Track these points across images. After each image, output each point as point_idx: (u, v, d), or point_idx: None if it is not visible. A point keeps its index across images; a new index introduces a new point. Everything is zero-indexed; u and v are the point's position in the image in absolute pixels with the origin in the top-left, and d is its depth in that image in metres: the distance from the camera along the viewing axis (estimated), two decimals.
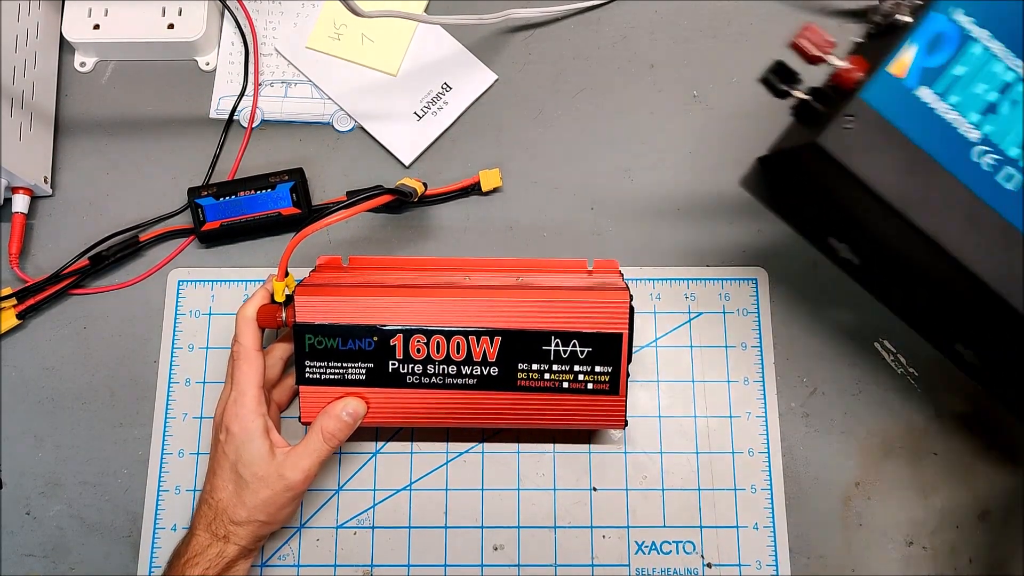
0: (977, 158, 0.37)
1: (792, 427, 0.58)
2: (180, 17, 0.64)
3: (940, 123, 0.37)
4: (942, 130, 0.37)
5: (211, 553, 0.49)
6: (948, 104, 0.38)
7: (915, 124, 0.37)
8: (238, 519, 0.50)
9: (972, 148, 0.37)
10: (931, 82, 0.38)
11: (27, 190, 0.61)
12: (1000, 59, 0.38)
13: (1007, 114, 0.37)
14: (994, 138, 0.37)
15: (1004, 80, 0.38)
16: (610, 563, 0.56)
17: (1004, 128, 0.37)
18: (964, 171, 0.37)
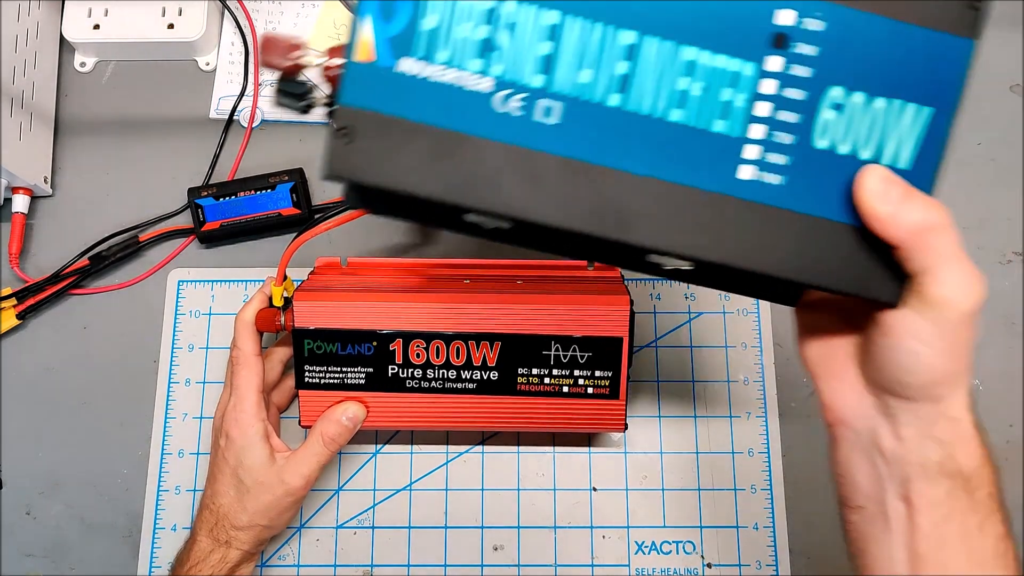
0: (502, 108, 0.31)
1: (792, 427, 0.58)
2: (180, 17, 0.64)
3: (442, 90, 0.31)
4: (449, 96, 0.31)
5: (214, 559, 0.49)
6: (440, 64, 0.31)
7: (416, 104, 0.31)
8: (240, 524, 0.50)
9: (491, 99, 0.31)
10: (407, 50, 0.31)
11: (27, 190, 0.61)
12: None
13: (508, 43, 0.31)
14: (509, 76, 0.31)
15: (486, 8, 0.31)
16: (610, 563, 0.56)
17: (513, 60, 0.31)
18: (496, 129, 0.31)
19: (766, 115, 0.32)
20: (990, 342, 0.60)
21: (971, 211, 0.62)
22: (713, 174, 0.32)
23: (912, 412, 0.33)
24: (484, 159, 0.31)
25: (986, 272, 0.59)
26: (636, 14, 0.31)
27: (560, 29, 0.31)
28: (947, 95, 0.32)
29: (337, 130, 0.31)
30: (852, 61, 0.31)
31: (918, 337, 0.31)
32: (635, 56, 0.31)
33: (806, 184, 0.32)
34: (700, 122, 0.32)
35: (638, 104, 0.31)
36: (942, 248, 0.30)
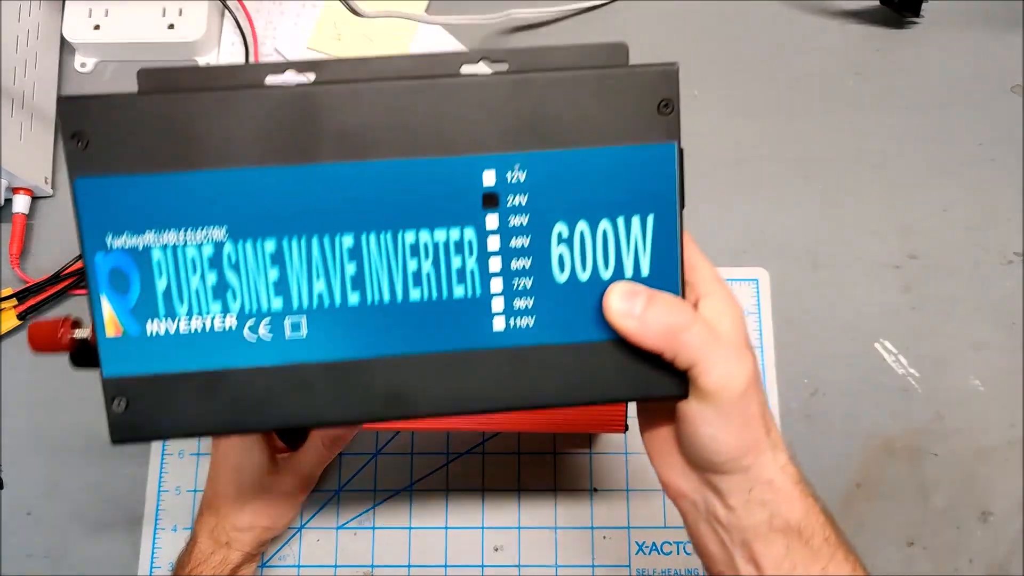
0: (252, 336, 0.33)
1: (793, 428, 0.58)
2: (180, 17, 0.64)
3: (194, 337, 0.33)
4: (201, 341, 0.33)
5: (215, 560, 0.49)
6: (184, 317, 0.33)
7: (174, 357, 0.33)
8: (240, 525, 0.50)
9: (241, 332, 0.33)
10: (151, 314, 0.32)
11: (28, 190, 0.61)
12: (187, 244, 0.32)
13: (239, 280, 0.33)
14: (249, 308, 0.33)
15: (207, 257, 0.32)
16: (611, 564, 0.56)
17: (248, 293, 0.33)
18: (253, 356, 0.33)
19: (500, 269, 0.33)
20: (990, 342, 0.60)
21: (971, 211, 0.62)
22: (468, 334, 0.34)
23: (729, 483, 0.35)
24: (250, 385, 0.33)
25: (986, 272, 0.60)
26: (348, 217, 0.33)
27: (281, 253, 0.33)
28: (664, 199, 0.33)
29: (109, 401, 0.33)
30: (565, 196, 0.33)
31: (709, 422, 0.34)
32: (359, 255, 0.33)
33: (559, 317, 0.34)
34: (441, 294, 0.33)
35: (377, 295, 0.33)
36: (696, 343, 0.32)
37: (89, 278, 0.32)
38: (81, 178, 0.32)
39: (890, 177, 0.63)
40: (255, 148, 0.32)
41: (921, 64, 0.65)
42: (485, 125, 0.32)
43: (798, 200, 0.62)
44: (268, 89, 0.32)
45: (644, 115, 0.33)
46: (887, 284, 0.61)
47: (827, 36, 0.66)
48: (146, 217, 0.32)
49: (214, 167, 0.32)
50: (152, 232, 0.32)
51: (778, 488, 0.35)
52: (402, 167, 0.32)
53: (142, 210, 0.32)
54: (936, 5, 0.65)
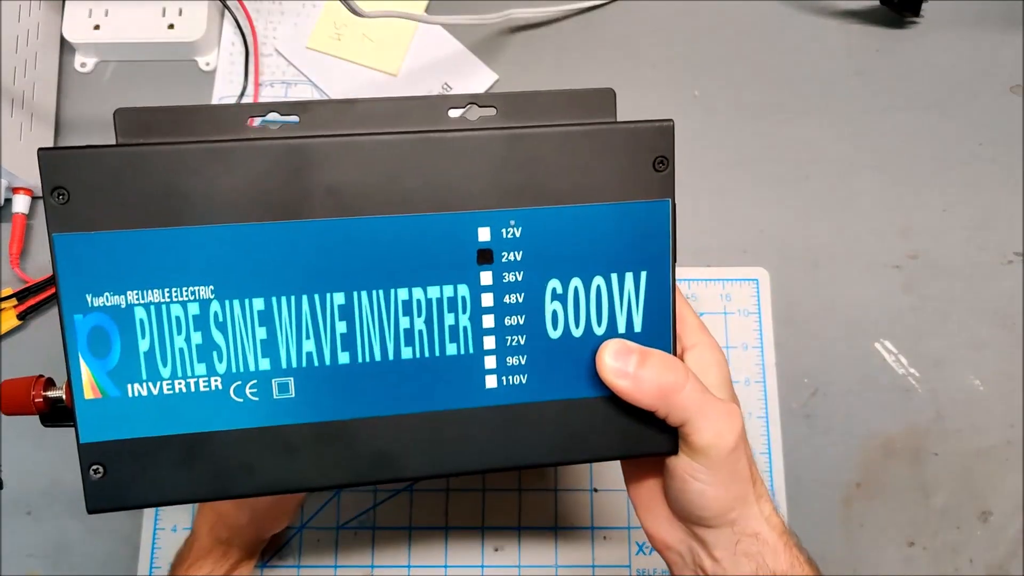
0: (238, 398, 0.32)
1: (793, 428, 0.58)
2: (180, 17, 0.64)
3: (177, 399, 0.31)
4: (185, 403, 0.31)
5: (214, 557, 0.49)
6: (167, 379, 0.31)
7: (156, 421, 0.31)
8: (240, 523, 0.50)
9: (227, 394, 0.32)
10: (131, 377, 0.31)
11: (28, 190, 0.61)
12: (171, 302, 0.31)
13: (225, 340, 0.31)
14: (235, 369, 0.32)
15: (192, 315, 0.31)
16: (611, 564, 0.56)
17: (235, 353, 0.32)
18: (238, 418, 0.32)
19: (493, 326, 0.33)
20: (990, 342, 0.60)
21: (971, 211, 0.62)
22: (460, 393, 0.33)
23: (716, 536, 0.36)
24: (234, 448, 0.32)
25: (986, 272, 0.60)
26: (339, 275, 0.32)
27: (270, 312, 0.31)
28: (658, 256, 0.33)
29: (87, 468, 0.32)
30: (559, 253, 0.33)
31: (697, 478, 0.34)
32: (350, 313, 0.32)
33: (553, 373, 0.33)
34: (433, 351, 0.33)
35: (368, 354, 0.32)
36: (688, 402, 0.33)
37: (67, 339, 0.31)
38: (59, 234, 0.30)
39: (890, 177, 0.63)
40: (242, 203, 0.31)
41: (921, 64, 0.65)
42: (479, 181, 0.32)
43: (798, 200, 0.62)
44: (256, 142, 0.31)
45: (639, 172, 0.33)
46: (887, 284, 0.61)
47: (827, 36, 0.66)
48: (128, 275, 0.31)
49: (200, 223, 0.31)
50: (135, 290, 0.31)
51: (764, 540, 0.36)
52: (394, 223, 0.32)
53: (124, 267, 0.31)
54: (936, 5, 0.65)
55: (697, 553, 0.37)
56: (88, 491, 0.32)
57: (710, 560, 0.36)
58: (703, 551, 0.36)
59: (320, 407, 0.32)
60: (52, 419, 0.36)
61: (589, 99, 0.34)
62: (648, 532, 0.39)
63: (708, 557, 0.36)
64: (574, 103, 0.33)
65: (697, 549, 0.37)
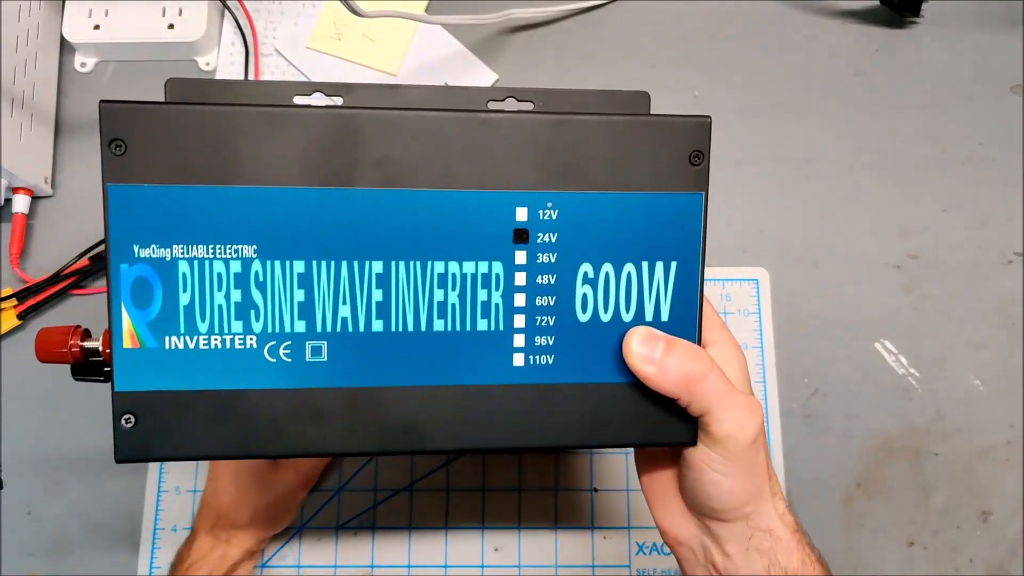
0: (272, 358, 0.33)
1: (793, 428, 0.58)
2: (180, 17, 0.64)
3: (212, 355, 0.32)
4: (220, 360, 0.32)
5: (214, 556, 0.49)
6: (204, 334, 0.32)
7: (190, 375, 0.32)
8: (240, 523, 0.50)
9: (260, 353, 0.32)
10: (170, 329, 0.32)
11: (27, 190, 0.61)
12: (215, 258, 0.32)
13: (263, 300, 0.32)
14: (271, 329, 0.32)
15: (233, 273, 0.32)
16: (611, 564, 0.56)
17: (272, 314, 0.32)
18: (271, 378, 0.33)
19: (524, 305, 0.34)
20: (990, 342, 0.60)
21: (971, 211, 0.62)
22: (488, 369, 0.34)
23: (729, 530, 0.36)
24: (265, 408, 0.33)
25: (986, 272, 0.60)
26: (380, 244, 0.33)
27: (309, 276, 0.32)
28: (688, 247, 0.35)
29: (119, 417, 0.32)
30: (593, 237, 0.34)
31: (715, 468, 0.34)
32: (387, 282, 0.33)
33: (579, 356, 0.34)
34: (464, 326, 0.34)
35: (401, 324, 0.33)
36: (712, 392, 0.33)
37: (112, 288, 0.32)
38: (113, 185, 0.31)
39: (890, 177, 0.63)
40: (292, 168, 0.32)
41: (921, 64, 0.65)
42: (521, 162, 0.33)
43: (798, 200, 0.62)
44: (311, 109, 0.32)
45: (675, 164, 0.34)
46: (887, 284, 0.61)
47: (827, 36, 0.66)
48: (176, 229, 0.32)
49: (250, 184, 0.32)
50: (180, 245, 0.32)
51: (777, 536, 0.36)
52: (436, 198, 0.33)
53: (173, 221, 0.32)
54: (936, 5, 0.65)
55: (709, 549, 0.37)
56: (118, 440, 0.33)
57: (721, 555, 0.36)
58: (715, 546, 0.36)
59: (351, 373, 0.33)
60: (83, 371, 0.36)
61: (624, 100, 0.35)
62: (660, 526, 0.39)
63: (720, 552, 0.36)
64: (610, 102, 0.35)
65: (709, 544, 0.37)
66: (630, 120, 0.33)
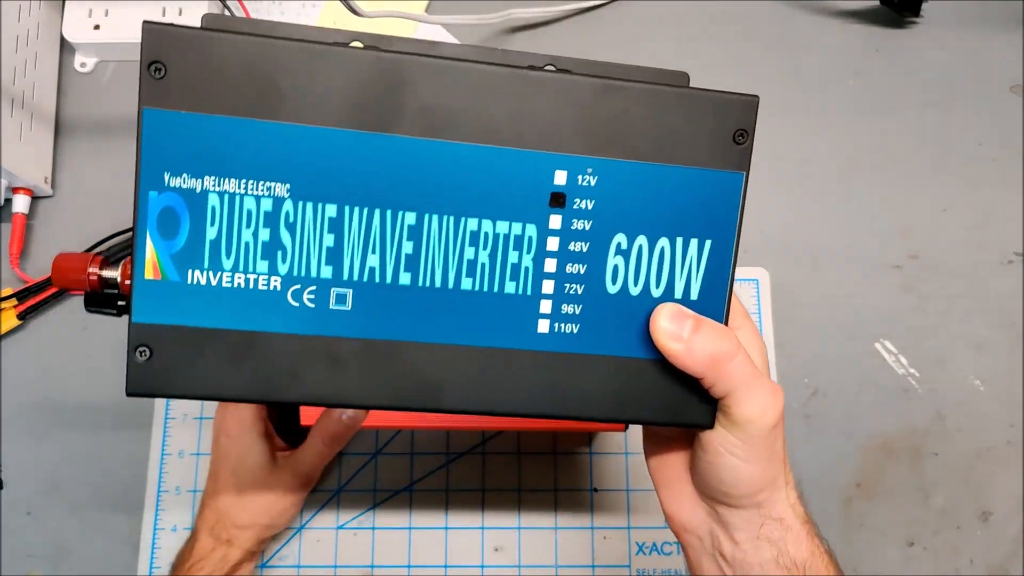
0: (295, 302, 0.32)
1: (793, 428, 0.58)
2: (180, 17, 0.64)
3: (234, 294, 0.31)
4: (241, 299, 0.31)
5: (215, 557, 0.49)
6: (228, 271, 0.31)
7: (210, 312, 0.31)
8: (240, 523, 0.50)
9: (283, 296, 0.32)
10: (194, 263, 0.31)
11: (27, 190, 0.61)
12: (246, 194, 0.31)
13: (292, 241, 0.31)
14: (297, 272, 0.32)
15: (264, 211, 0.31)
16: (611, 564, 0.56)
17: (299, 256, 0.32)
18: (292, 323, 0.32)
19: (554, 271, 0.33)
20: (990, 342, 0.60)
21: (971, 211, 0.62)
22: (512, 333, 0.33)
23: (740, 517, 0.35)
24: (283, 353, 0.32)
25: (986, 272, 0.60)
26: (414, 195, 0.32)
27: (341, 221, 0.32)
28: (724, 227, 0.34)
29: (133, 349, 0.31)
30: (630, 208, 0.33)
31: (733, 452, 0.34)
32: (419, 235, 0.32)
33: (605, 328, 0.33)
34: (492, 286, 0.33)
35: (429, 279, 0.32)
36: (737, 373, 0.32)
37: (138, 215, 0.31)
38: (149, 109, 0.30)
39: (890, 177, 0.63)
40: (335, 109, 0.31)
41: (921, 64, 0.65)
42: (565, 125, 0.32)
43: (798, 200, 0.62)
44: (359, 51, 0.31)
45: (718, 141, 0.33)
46: (887, 284, 0.61)
47: (827, 36, 0.66)
48: (209, 160, 0.31)
49: (290, 121, 0.31)
50: (213, 176, 0.31)
51: (788, 526, 0.35)
52: (477, 153, 0.32)
53: (207, 152, 0.31)
54: (936, 5, 0.65)
55: (717, 536, 0.36)
56: (130, 373, 0.32)
57: (730, 543, 0.36)
58: (723, 533, 0.36)
59: (374, 324, 0.32)
60: (97, 302, 0.36)
61: (665, 77, 0.34)
62: (666, 512, 0.39)
63: (728, 540, 0.36)
64: (651, 77, 0.34)
65: (717, 531, 0.36)
66: (678, 92, 0.33)
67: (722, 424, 0.34)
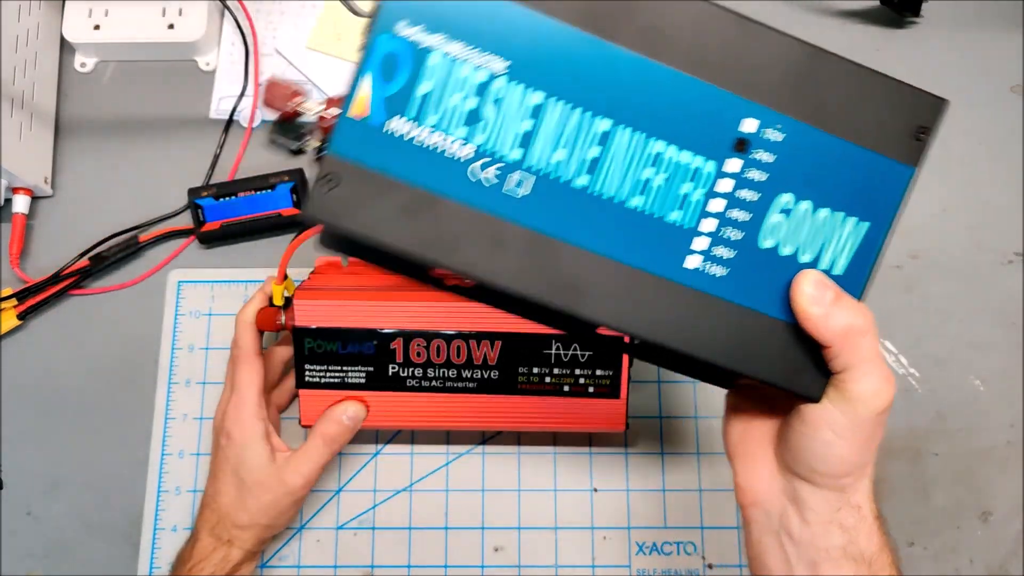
0: (478, 175, 0.33)
1: None
2: (180, 17, 0.64)
3: (425, 152, 0.33)
4: (430, 158, 0.33)
5: (216, 557, 0.49)
6: (428, 127, 0.33)
7: (399, 162, 0.33)
8: (241, 523, 0.50)
9: (469, 166, 0.33)
10: (400, 110, 0.33)
11: (27, 190, 0.61)
12: (466, 61, 0.33)
13: (493, 116, 0.33)
14: (489, 147, 0.33)
15: (478, 82, 0.33)
16: (611, 564, 0.56)
17: (495, 132, 0.33)
18: (469, 194, 0.33)
19: (719, 211, 0.34)
20: (990, 342, 0.60)
21: (971, 211, 0.62)
22: (663, 260, 0.34)
23: (819, 497, 0.35)
24: (452, 221, 0.34)
25: (986, 272, 0.60)
26: (614, 104, 0.33)
27: (543, 110, 0.33)
28: (884, 213, 0.35)
29: (321, 176, 0.33)
30: (804, 172, 0.34)
31: (833, 429, 0.34)
32: (607, 143, 0.34)
33: (748, 279, 0.34)
34: (658, 210, 0.34)
35: (603, 187, 0.34)
36: (864, 350, 0.33)
37: (365, 53, 0.33)
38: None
39: None
40: (570, 4, 0.33)
41: (921, 64, 0.65)
42: (769, 77, 0.33)
43: None
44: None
45: (903, 133, 0.35)
46: (887, 284, 0.61)
47: (827, 36, 0.66)
48: (445, 21, 0.32)
49: (526, 4, 0.33)
50: (443, 36, 0.33)
51: (863, 516, 0.35)
52: (683, 81, 0.33)
53: (444, 13, 0.32)
54: (936, 5, 0.65)
55: (787, 513, 0.36)
56: (314, 199, 0.33)
57: (800, 523, 0.35)
58: (795, 512, 0.36)
59: (543, 217, 0.34)
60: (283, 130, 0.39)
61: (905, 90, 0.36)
62: (739, 483, 0.38)
63: (799, 519, 0.36)
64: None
65: (789, 509, 0.36)
66: (881, 76, 0.35)
67: (830, 399, 0.34)
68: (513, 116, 0.33)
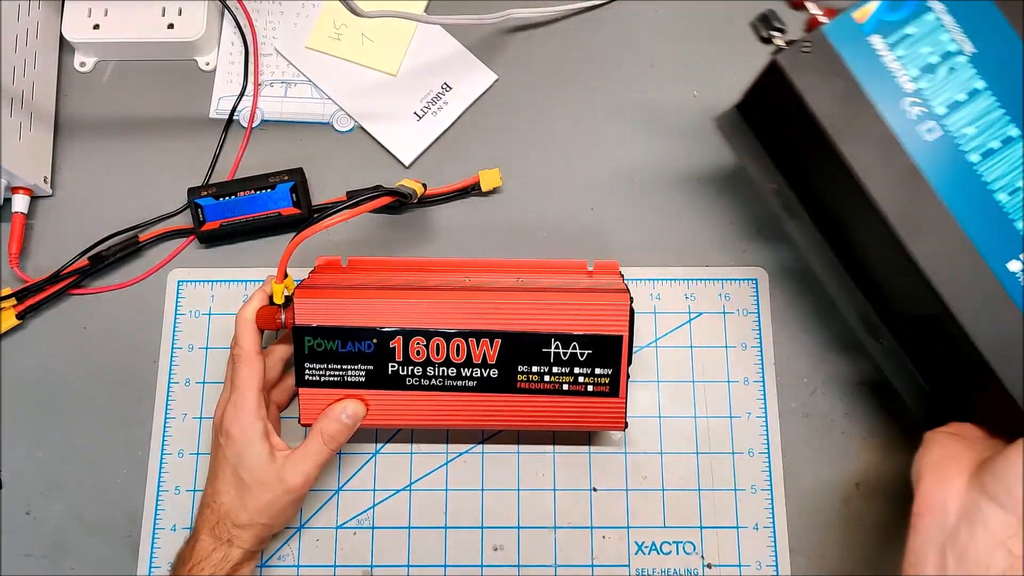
0: (907, 106, 0.43)
1: (792, 427, 0.58)
2: (180, 17, 0.64)
3: (882, 68, 0.43)
4: (882, 74, 0.43)
5: (216, 557, 0.49)
6: (894, 55, 0.43)
7: (861, 63, 0.43)
8: (241, 523, 0.50)
9: (904, 97, 0.43)
10: (885, 33, 0.43)
11: (27, 190, 0.61)
12: (948, 30, 0.43)
13: (943, 77, 0.43)
14: (926, 94, 0.43)
15: (947, 50, 0.43)
16: (610, 563, 0.56)
17: (937, 88, 0.43)
18: (891, 113, 0.42)
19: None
20: None
21: None
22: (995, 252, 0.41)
23: (1000, 520, 0.37)
24: (866, 119, 0.43)
25: None
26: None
27: (978, 95, 0.43)
28: None
29: (805, 39, 0.43)
30: None
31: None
32: (1008, 145, 0.42)
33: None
34: (1012, 213, 0.42)
35: (985, 172, 0.42)
36: None
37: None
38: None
39: None
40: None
41: None
42: None
43: None
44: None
45: None
46: None
47: None
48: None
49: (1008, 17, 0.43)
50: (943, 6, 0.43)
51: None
52: None
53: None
54: None
55: (959, 528, 0.37)
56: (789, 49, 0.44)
57: (969, 538, 0.37)
58: (968, 528, 0.37)
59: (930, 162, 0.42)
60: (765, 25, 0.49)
61: None
62: (921, 489, 0.40)
63: (970, 535, 0.37)
64: None
65: (963, 525, 0.37)
66: None
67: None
68: (955, 86, 0.43)
